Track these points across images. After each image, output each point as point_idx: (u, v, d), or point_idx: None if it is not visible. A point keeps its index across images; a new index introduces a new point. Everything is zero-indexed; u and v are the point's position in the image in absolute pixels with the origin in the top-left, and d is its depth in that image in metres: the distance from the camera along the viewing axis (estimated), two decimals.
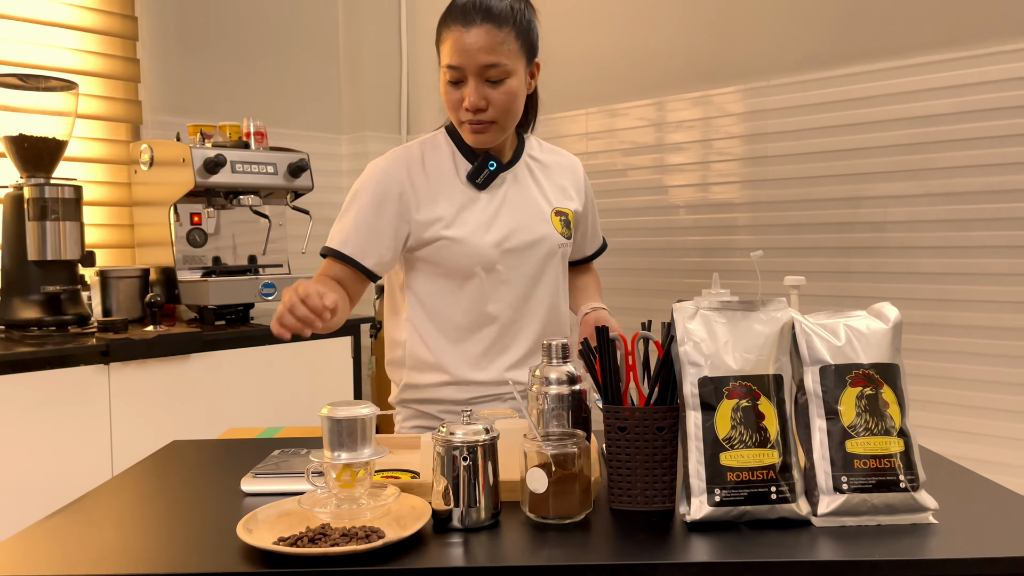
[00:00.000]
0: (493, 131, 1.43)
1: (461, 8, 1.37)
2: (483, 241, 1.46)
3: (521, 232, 1.49)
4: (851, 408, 0.99)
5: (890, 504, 0.97)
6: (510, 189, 1.51)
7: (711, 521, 0.98)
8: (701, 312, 1.05)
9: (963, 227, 2.12)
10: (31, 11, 2.60)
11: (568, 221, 1.56)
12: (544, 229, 1.51)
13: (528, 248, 1.49)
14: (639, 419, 1.04)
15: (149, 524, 1.07)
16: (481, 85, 1.37)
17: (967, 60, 2.10)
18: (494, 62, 1.36)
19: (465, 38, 1.34)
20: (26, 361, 2.02)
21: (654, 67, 2.74)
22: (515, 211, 1.50)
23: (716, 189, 2.60)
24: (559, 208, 1.55)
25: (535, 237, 1.50)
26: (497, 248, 1.47)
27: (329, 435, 1.01)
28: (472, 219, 1.46)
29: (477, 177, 1.47)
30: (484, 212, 1.48)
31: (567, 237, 1.55)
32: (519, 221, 1.49)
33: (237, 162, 2.51)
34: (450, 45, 1.37)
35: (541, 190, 1.55)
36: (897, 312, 1.05)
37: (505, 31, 1.36)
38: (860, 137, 2.28)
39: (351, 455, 1.00)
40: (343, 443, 1.00)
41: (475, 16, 1.35)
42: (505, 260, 1.48)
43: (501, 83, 1.38)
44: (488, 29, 1.35)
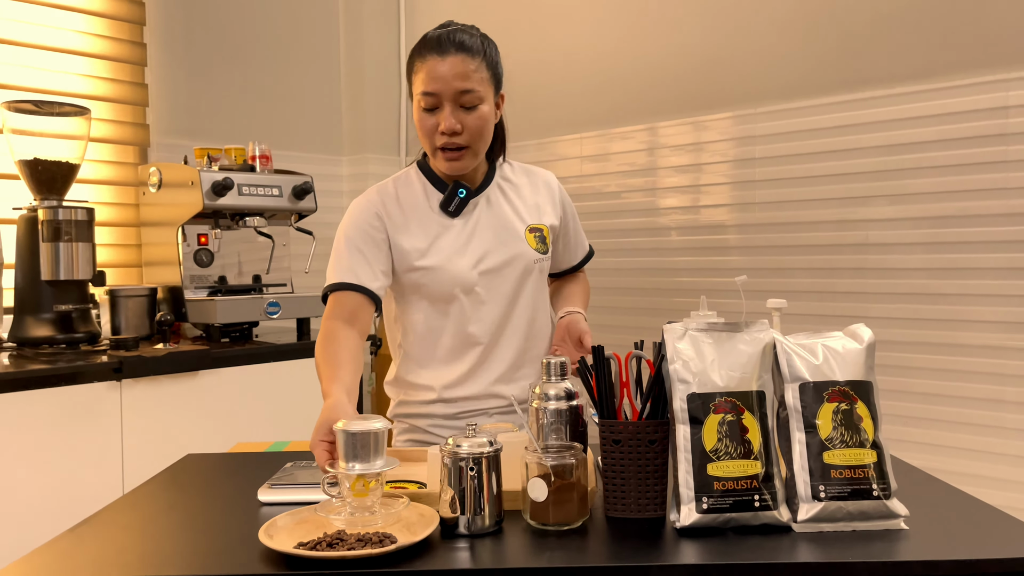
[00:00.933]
0: (467, 157, 1.51)
1: (436, 40, 1.47)
2: (459, 266, 1.53)
3: (495, 253, 1.56)
4: (828, 422, 1.07)
5: (864, 511, 1.05)
6: (483, 213, 1.58)
7: (699, 527, 1.05)
8: (689, 333, 1.13)
9: (942, 250, 2.21)
10: (45, 39, 2.69)
11: (543, 237, 1.61)
12: (518, 247, 1.58)
13: (504, 267, 1.56)
14: (632, 432, 1.12)
15: (172, 532, 1.14)
16: (456, 110, 1.46)
17: (947, 90, 2.20)
18: (468, 88, 1.46)
19: (440, 66, 1.44)
20: (41, 378, 2.08)
21: (648, 94, 2.83)
22: (488, 233, 1.57)
23: (706, 211, 2.69)
24: (533, 225, 1.61)
25: (509, 256, 1.56)
26: (473, 270, 1.54)
27: (344, 447, 1.08)
28: (447, 246, 1.55)
29: (449, 205, 1.55)
30: (458, 238, 1.56)
31: (543, 252, 1.60)
32: (492, 242, 1.57)
33: (244, 185, 2.59)
34: (425, 74, 1.46)
35: (514, 209, 1.61)
36: (871, 333, 1.13)
37: (477, 61, 1.47)
38: (845, 163, 2.37)
39: (364, 466, 1.08)
40: (357, 455, 1.08)
41: (449, 47, 1.45)
42: (482, 281, 1.55)
43: (474, 109, 1.48)
44: (462, 58, 1.45)
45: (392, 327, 1.66)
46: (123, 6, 2.89)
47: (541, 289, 1.64)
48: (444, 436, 1.60)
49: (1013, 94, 2.08)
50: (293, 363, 2.58)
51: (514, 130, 3.12)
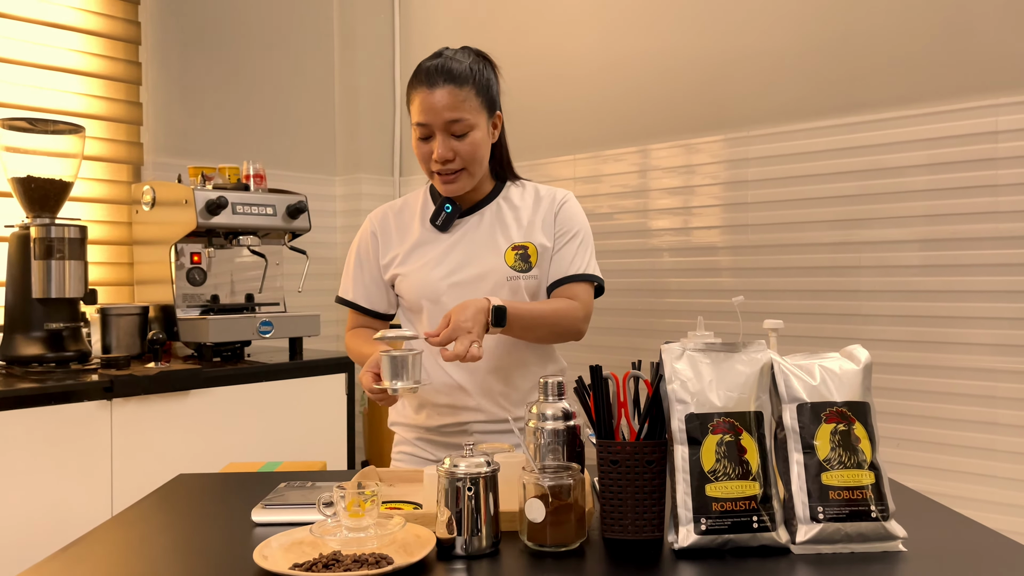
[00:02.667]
0: (463, 179, 1.57)
1: (426, 72, 1.53)
2: (430, 275, 1.60)
3: (469, 266, 1.60)
4: (826, 443, 1.07)
5: (862, 532, 1.05)
6: (471, 231, 1.63)
7: (697, 548, 1.05)
8: (687, 353, 1.13)
9: (934, 272, 2.23)
10: (40, 57, 2.69)
11: (527, 255, 1.61)
12: (492, 263, 1.59)
13: (475, 281, 1.59)
14: (630, 453, 1.11)
15: (165, 553, 1.13)
16: (447, 139, 1.53)
17: (938, 115, 2.22)
18: (457, 118, 1.51)
19: (430, 98, 1.51)
20: (31, 397, 2.06)
21: (640, 116, 2.85)
22: (468, 247, 1.61)
23: (698, 233, 2.70)
24: (517, 243, 1.62)
25: (482, 270, 1.59)
26: (444, 281, 1.59)
27: (387, 368, 1.33)
28: (425, 256, 1.62)
29: (436, 219, 1.62)
30: (437, 249, 1.62)
31: (521, 270, 1.59)
32: (469, 256, 1.60)
33: (238, 204, 2.59)
34: (417, 105, 1.53)
35: (504, 228, 1.63)
36: (867, 354, 1.13)
37: (466, 90, 1.52)
38: (837, 186, 2.39)
39: (404, 383, 1.33)
40: (398, 374, 1.33)
41: (438, 78, 1.51)
42: (451, 293, 1.58)
43: (465, 136, 1.53)
44: (450, 89, 1.50)
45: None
46: (119, 25, 2.90)
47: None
48: (430, 450, 1.65)
49: (1003, 119, 2.11)
50: (285, 383, 2.57)
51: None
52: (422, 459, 1.66)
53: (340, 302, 1.73)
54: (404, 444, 1.70)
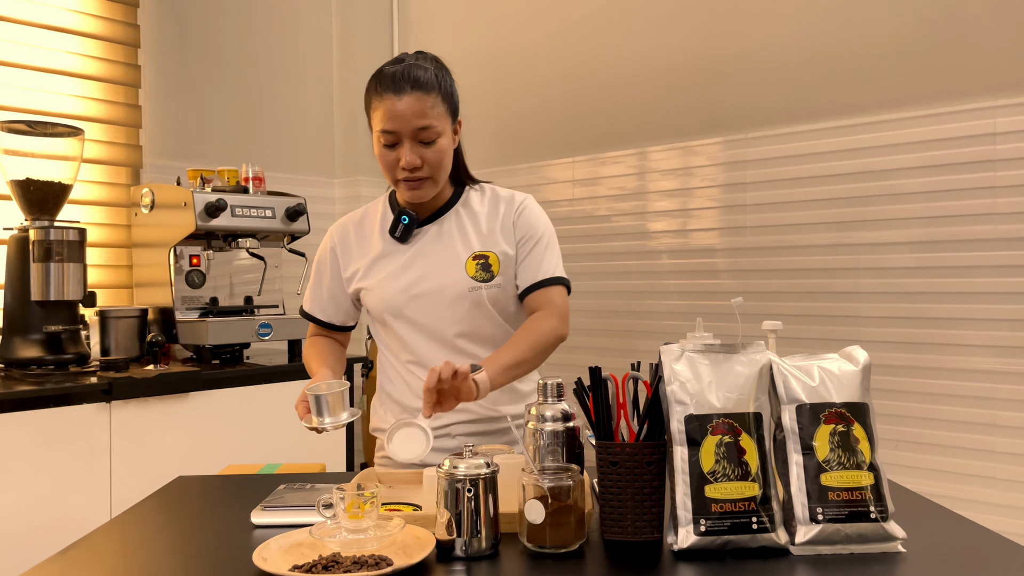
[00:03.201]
0: (427, 186, 1.55)
1: (391, 78, 1.50)
2: (391, 288, 1.59)
3: (428, 278, 1.58)
4: (825, 444, 1.07)
5: (862, 533, 1.05)
6: (431, 240, 1.61)
7: (697, 550, 1.05)
8: (686, 354, 1.13)
9: (933, 274, 2.23)
10: (39, 60, 2.69)
11: (488, 264, 1.59)
12: (453, 274, 1.57)
13: (436, 292, 1.57)
14: (629, 454, 1.11)
15: (164, 555, 1.13)
16: (415, 146, 1.50)
17: (936, 117, 2.23)
18: (426, 124, 1.49)
19: (398, 105, 1.48)
20: (30, 399, 2.06)
21: (638, 119, 2.86)
22: (427, 259, 1.60)
23: (697, 235, 2.71)
24: (478, 252, 1.59)
25: (442, 282, 1.57)
26: (404, 294, 1.58)
27: (313, 406, 1.35)
28: (385, 269, 1.61)
29: (395, 232, 1.61)
30: (397, 262, 1.60)
31: (483, 280, 1.57)
32: (429, 268, 1.59)
33: (237, 206, 2.59)
34: (383, 112, 1.50)
35: (464, 237, 1.61)
36: (866, 355, 1.14)
37: (433, 96, 1.50)
38: (835, 188, 2.40)
39: (332, 420, 1.35)
40: (322, 412, 1.35)
41: (405, 85, 1.48)
42: (413, 305, 1.57)
43: (433, 143, 1.51)
44: (418, 96, 1.48)
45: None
46: (118, 28, 2.90)
47: (484, 315, 1.59)
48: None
49: (1001, 121, 2.12)
50: (284, 385, 2.57)
51: (506, 154, 3.16)
52: (404, 464, 1.63)
53: (301, 314, 1.76)
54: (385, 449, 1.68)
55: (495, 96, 3.18)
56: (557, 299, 1.60)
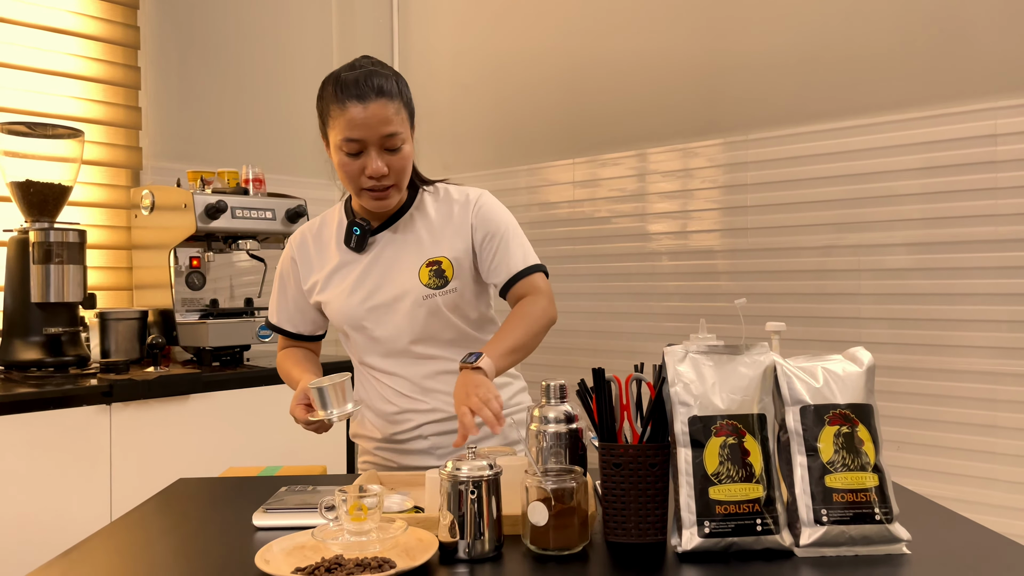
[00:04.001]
0: (392, 194, 1.52)
1: (354, 85, 1.45)
2: (348, 301, 1.57)
3: (383, 289, 1.56)
4: (829, 445, 1.07)
5: (866, 535, 1.04)
6: (385, 248, 1.59)
7: (701, 552, 1.05)
8: (690, 355, 1.12)
9: (934, 275, 2.23)
10: (38, 61, 2.69)
11: (441, 270, 1.57)
12: (406, 283, 1.55)
13: (392, 303, 1.56)
14: (633, 456, 1.11)
15: (166, 558, 1.12)
16: (381, 154, 1.47)
17: (937, 118, 2.23)
18: (392, 131, 1.46)
19: (363, 113, 1.44)
20: (29, 402, 2.06)
21: (639, 120, 2.86)
22: (381, 269, 1.58)
23: (697, 237, 2.70)
24: (431, 259, 1.57)
25: (396, 292, 1.55)
26: (361, 306, 1.56)
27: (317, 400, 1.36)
28: (342, 281, 1.59)
29: (349, 242, 1.58)
30: (352, 274, 1.58)
31: (437, 287, 1.55)
32: (382, 278, 1.57)
33: (237, 208, 2.59)
34: (347, 121, 1.45)
35: (418, 243, 1.58)
36: (870, 356, 1.13)
37: (396, 103, 1.47)
38: (835, 189, 2.40)
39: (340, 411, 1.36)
40: (327, 404, 1.36)
41: (369, 92, 1.44)
42: (371, 317, 1.56)
43: (399, 150, 1.49)
44: (383, 103, 1.45)
45: None
46: (118, 30, 2.90)
47: (442, 322, 1.57)
48: (391, 458, 1.64)
49: (1002, 122, 2.12)
50: (285, 387, 2.54)
51: (506, 156, 3.16)
52: (385, 468, 1.63)
53: (268, 326, 1.74)
54: (367, 455, 1.68)
55: (494, 97, 3.18)
56: (540, 284, 1.59)
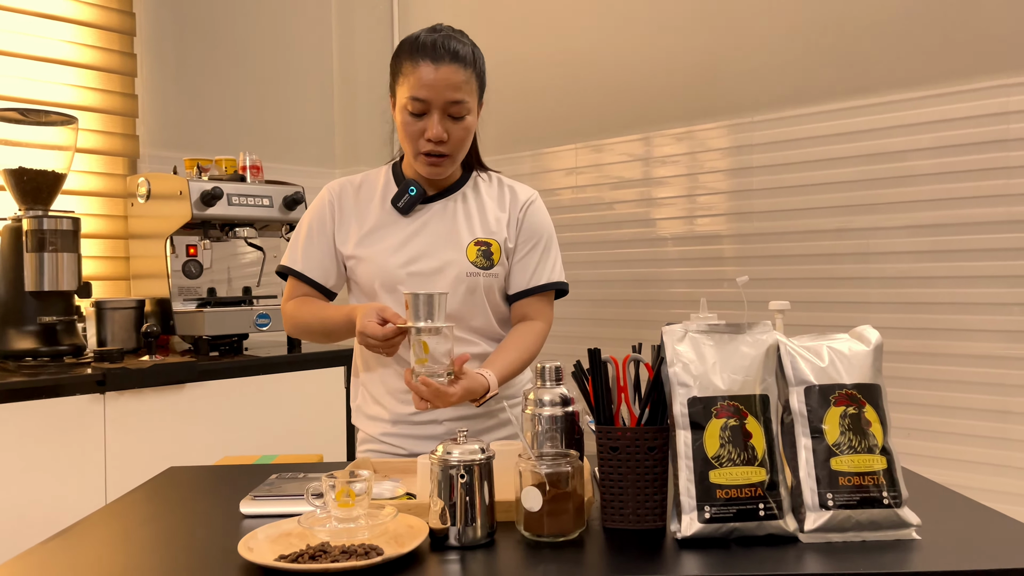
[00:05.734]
0: (447, 164, 1.50)
1: (431, 45, 1.44)
2: (388, 261, 1.52)
3: (428, 257, 1.53)
4: (835, 427, 1.03)
5: (874, 520, 1.00)
6: (434, 217, 1.56)
7: (701, 538, 1.01)
8: (690, 335, 1.08)
9: (944, 258, 2.18)
10: (33, 48, 2.66)
11: (489, 252, 1.55)
12: (453, 256, 1.53)
13: (434, 273, 1.52)
14: (630, 439, 1.07)
15: (149, 546, 1.09)
16: (444, 119, 1.45)
17: (947, 96, 2.17)
18: (459, 99, 1.45)
19: (434, 74, 1.42)
20: (22, 390, 2.03)
21: (642, 104, 2.81)
22: (429, 237, 1.54)
23: (702, 222, 2.66)
24: (481, 238, 1.55)
25: (441, 263, 1.52)
26: (402, 269, 1.52)
27: (417, 309, 1.28)
28: (384, 239, 1.54)
29: (399, 201, 1.54)
30: (398, 235, 1.54)
31: (483, 267, 1.53)
32: (429, 247, 1.53)
33: (233, 195, 2.55)
34: (417, 79, 1.43)
35: (468, 221, 1.57)
36: (878, 335, 1.09)
37: (468, 72, 1.46)
38: (843, 171, 2.34)
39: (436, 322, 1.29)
40: (420, 315, 1.28)
41: (444, 55, 1.43)
42: (410, 283, 1.51)
43: (462, 119, 1.47)
44: (456, 68, 1.44)
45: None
46: (113, 16, 2.86)
47: (480, 303, 1.55)
48: (398, 444, 1.58)
49: (1013, 99, 2.06)
50: (282, 376, 2.53)
51: (509, 142, 3.11)
52: (390, 455, 1.57)
53: (286, 272, 1.59)
54: (370, 442, 1.61)
55: (495, 82, 3.11)
56: (545, 309, 1.62)
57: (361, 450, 1.64)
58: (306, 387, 2.59)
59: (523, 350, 1.54)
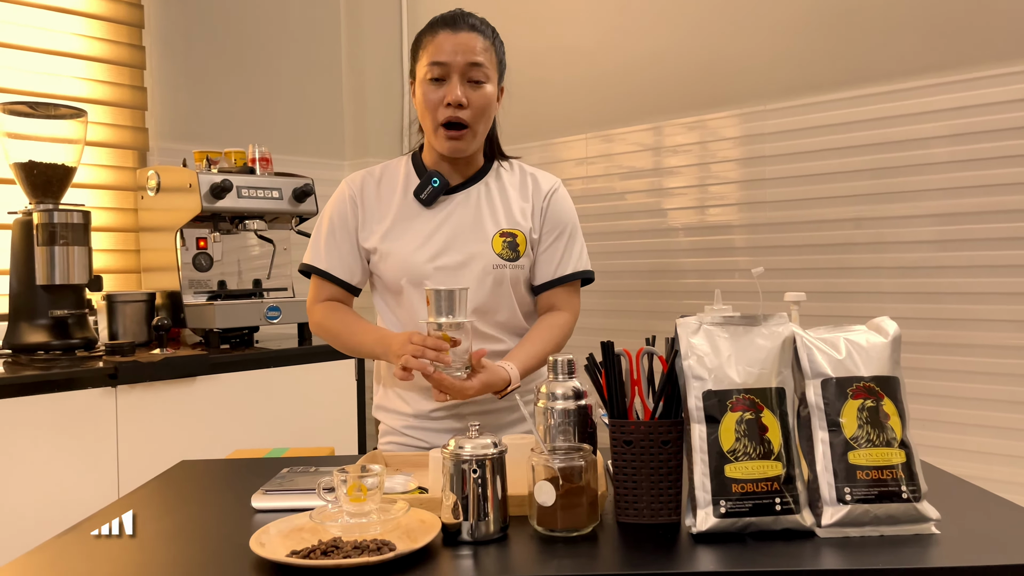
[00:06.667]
0: (467, 138, 1.49)
1: (450, 18, 1.49)
2: (415, 255, 1.50)
3: (454, 250, 1.51)
4: (853, 420, 1.01)
5: (892, 515, 0.99)
6: (457, 209, 1.54)
7: (716, 533, 0.99)
8: (704, 327, 1.07)
9: (959, 247, 2.15)
10: (42, 41, 2.65)
11: (515, 243, 1.54)
12: (479, 248, 1.51)
13: (460, 267, 1.50)
14: (644, 433, 1.06)
15: (161, 539, 1.08)
16: (463, 83, 1.47)
17: (963, 83, 2.14)
18: (479, 62, 1.47)
19: (452, 39, 1.46)
20: (34, 384, 2.03)
21: (651, 92, 2.78)
22: (454, 229, 1.52)
23: (713, 212, 2.63)
24: (506, 230, 1.54)
25: (467, 255, 1.51)
26: (429, 264, 1.50)
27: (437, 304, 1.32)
28: (409, 233, 1.52)
29: (421, 192, 1.53)
30: (423, 228, 1.52)
31: (509, 259, 1.53)
32: (455, 239, 1.52)
33: (243, 187, 2.55)
34: (436, 46, 1.47)
35: (492, 212, 1.55)
36: (896, 326, 1.07)
37: (487, 42, 1.50)
38: (854, 160, 2.32)
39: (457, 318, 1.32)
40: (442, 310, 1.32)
41: (462, 24, 1.48)
42: (436, 277, 1.49)
43: (481, 85, 1.48)
44: (475, 35, 1.48)
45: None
46: (121, 8, 2.85)
47: (505, 295, 1.54)
48: (420, 437, 1.57)
49: None
50: (293, 368, 2.53)
51: (517, 132, 3.09)
52: (412, 448, 1.56)
53: (310, 271, 1.57)
54: (391, 434, 1.59)
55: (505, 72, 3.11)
56: (572, 300, 1.61)
57: (383, 442, 1.63)
58: (318, 379, 2.59)
59: (547, 342, 1.53)
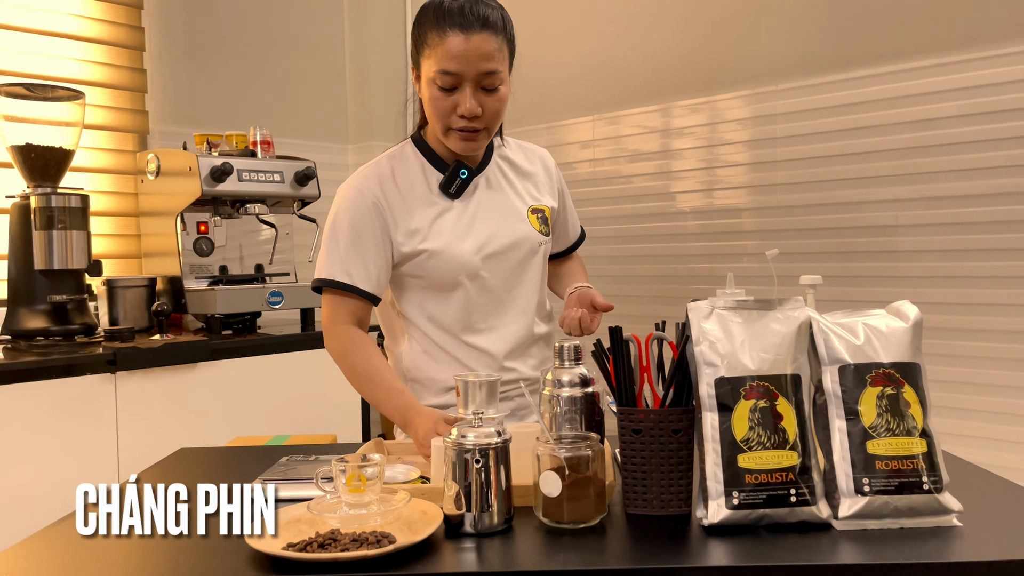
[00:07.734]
0: (481, 138, 1.42)
1: (458, 12, 1.33)
2: (462, 250, 1.43)
3: (499, 236, 1.47)
4: (871, 408, 0.97)
5: (913, 507, 0.95)
6: (483, 194, 1.49)
7: (729, 525, 0.96)
8: (716, 311, 1.03)
9: (974, 230, 2.10)
10: (39, 22, 2.61)
11: (545, 218, 1.53)
12: (522, 229, 1.49)
13: (508, 251, 1.47)
14: (654, 421, 1.02)
15: None
16: (477, 92, 1.35)
17: (972, 63, 2.09)
18: (493, 69, 1.34)
19: (464, 45, 1.31)
20: (33, 370, 2.01)
21: (658, 74, 2.73)
22: (491, 215, 1.48)
23: (722, 194, 2.59)
24: (535, 206, 1.53)
25: (514, 239, 1.48)
26: (477, 255, 1.44)
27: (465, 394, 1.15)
28: (448, 229, 1.44)
29: (450, 187, 1.45)
30: (460, 221, 1.46)
31: (545, 234, 1.52)
32: (496, 225, 1.47)
33: (244, 170, 2.51)
34: (445, 51, 1.32)
35: (515, 190, 1.53)
36: (917, 310, 1.03)
37: (500, 39, 1.35)
38: (868, 141, 2.27)
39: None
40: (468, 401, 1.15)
41: (474, 23, 1.32)
42: (487, 266, 1.45)
43: (496, 91, 1.37)
44: (487, 36, 1.33)
45: (391, 315, 1.54)
46: None
47: (542, 273, 1.55)
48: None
49: None
50: (295, 355, 2.49)
51: (524, 114, 3.04)
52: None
53: (332, 286, 1.42)
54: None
55: None
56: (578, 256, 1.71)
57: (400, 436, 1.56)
58: (320, 366, 2.54)
59: (585, 274, 1.67)
